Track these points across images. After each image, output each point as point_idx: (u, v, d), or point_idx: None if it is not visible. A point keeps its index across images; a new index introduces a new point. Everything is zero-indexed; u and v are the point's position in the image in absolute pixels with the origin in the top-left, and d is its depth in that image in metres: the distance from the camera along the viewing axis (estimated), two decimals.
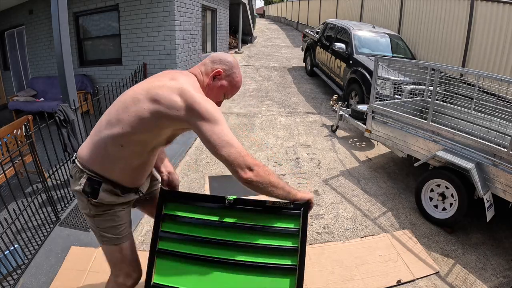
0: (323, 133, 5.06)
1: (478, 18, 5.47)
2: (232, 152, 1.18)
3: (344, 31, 6.63)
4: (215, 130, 1.18)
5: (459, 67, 5.56)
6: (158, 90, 1.21)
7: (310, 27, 13.35)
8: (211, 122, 1.18)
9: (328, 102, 6.46)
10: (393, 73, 4.16)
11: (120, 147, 1.25)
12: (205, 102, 1.20)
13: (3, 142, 2.75)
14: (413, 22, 7.33)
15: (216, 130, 1.18)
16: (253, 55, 11.75)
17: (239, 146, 1.19)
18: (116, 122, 1.24)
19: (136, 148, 1.27)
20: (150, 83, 1.26)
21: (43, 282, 2.12)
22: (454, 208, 2.78)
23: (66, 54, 3.02)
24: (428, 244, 2.69)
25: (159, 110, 1.19)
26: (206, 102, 1.20)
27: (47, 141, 2.67)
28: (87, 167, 1.31)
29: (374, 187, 3.55)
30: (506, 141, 2.51)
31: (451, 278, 2.34)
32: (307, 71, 9.03)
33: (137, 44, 5.76)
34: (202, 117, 1.18)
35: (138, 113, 1.20)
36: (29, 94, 6.32)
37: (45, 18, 6.42)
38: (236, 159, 1.18)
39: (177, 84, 1.21)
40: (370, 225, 2.90)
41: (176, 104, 1.18)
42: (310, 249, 2.55)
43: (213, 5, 7.68)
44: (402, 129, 3.34)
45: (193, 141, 4.57)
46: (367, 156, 4.34)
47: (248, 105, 6.35)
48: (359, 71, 5.45)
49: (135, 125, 1.21)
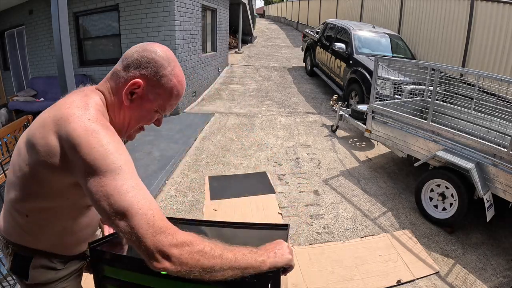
0: (323, 133, 5.06)
1: (478, 18, 5.47)
2: (134, 224, 0.70)
3: (344, 31, 6.64)
4: (107, 188, 0.72)
5: (459, 67, 5.56)
6: (33, 128, 0.82)
7: (310, 27, 13.35)
8: (101, 173, 0.72)
9: (328, 102, 6.46)
10: (393, 73, 4.16)
11: (26, 217, 0.90)
12: (93, 138, 0.73)
13: (3, 142, 2.76)
14: (413, 22, 7.33)
15: (108, 188, 0.71)
16: (253, 55, 11.75)
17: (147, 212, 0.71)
18: (10, 186, 0.90)
19: (45, 215, 0.90)
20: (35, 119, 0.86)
21: None
22: (454, 208, 2.78)
23: (66, 54, 3.02)
24: (428, 244, 2.69)
25: (34, 159, 0.80)
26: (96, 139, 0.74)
27: None
28: (8, 240, 0.95)
29: (374, 187, 3.55)
30: (506, 141, 2.51)
31: (451, 278, 2.34)
32: (307, 71, 9.04)
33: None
34: (86, 165, 0.72)
35: (21, 171, 0.84)
36: (29, 94, 6.33)
37: (45, 18, 6.42)
38: (143, 236, 0.69)
39: (58, 114, 0.78)
40: (370, 225, 2.90)
41: (50, 146, 0.77)
42: (310, 249, 2.55)
43: (213, 5, 7.69)
44: (402, 129, 3.34)
45: (193, 141, 4.57)
46: (367, 156, 4.34)
47: (248, 105, 6.35)
48: (359, 71, 5.45)
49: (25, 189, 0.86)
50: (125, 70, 0.86)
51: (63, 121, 0.76)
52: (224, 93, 7.24)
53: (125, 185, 0.72)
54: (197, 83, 6.72)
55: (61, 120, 0.76)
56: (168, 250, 0.69)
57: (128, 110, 0.89)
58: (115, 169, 0.72)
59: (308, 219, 2.95)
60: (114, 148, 0.74)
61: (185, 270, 0.71)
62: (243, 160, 4.02)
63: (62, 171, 0.78)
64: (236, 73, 9.03)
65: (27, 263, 0.95)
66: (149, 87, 0.86)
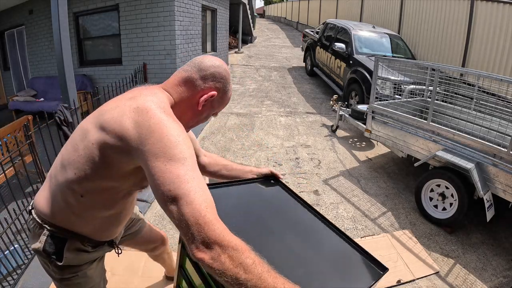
0: (323, 133, 5.06)
1: (478, 18, 5.47)
2: (186, 212, 0.73)
3: (344, 31, 6.64)
4: (170, 175, 0.77)
5: (459, 67, 5.56)
6: (107, 114, 0.88)
7: (310, 27, 13.35)
8: (167, 160, 0.78)
9: (328, 102, 6.46)
10: (393, 73, 4.16)
11: (80, 197, 0.94)
12: (167, 128, 0.81)
13: (3, 142, 2.75)
14: (413, 22, 7.33)
15: (172, 174, 0.77)
16: (253, 55, 11.75)
17: (201, 203, 0.75)
18: (68, 165, 0.94)
19: (100, 197, 0.96)
20: (102, 107, 0.95)
21: (43, 282, 2.12)
22: (454, 208, 2.78)
23: (66, 54, 3.02)
24: (428, 244, 2.69)
25: (105, 141, 0.86)
26: (170, 129, 0.81)
27: (47, 141, 2.67)
28: (47, 221, 1.00)
29: (374, 187, 3.55)
30: (506, 141, 2.51)
31: (451, 278, 2.34)
32: (307, 71, 9.04)
33: (137, 44, 5.76)
34: (156, 150, 0.79)
35: (86, 150, 0.89)
36: (29, 94, 6.32)
37: (45, 18, 6.42)
38: (191, 225, 0.73)
39: (135, 104, 0.86)
40: (370, 225, 2.90)
41: (124, 130, 0.83)
42: None
43: (213, 5, 7.68)
44: (402, 129, 3.34)
45: None
46: (367, 156, 4.34)
47: (248, 105, 6.35)
48: (359, 71, 5.45)
49: (87, 168, 0.90)
50: (202, 80, 0.98)
51: (141, 111, 0.84)
52: None
53: (187, 175, 0.77)
54: None
55: (139, 109, 0.84)
56: (212, 244, 0.72)
57: (196, 113, 1.02)
58: (181, 159, 0.79)
59: None
60: (183, 140, 0.82)
61: (219, 270, 0.72)
62: (243, 160, 4.02)
63: (130, 156, 0.84)
64: (236, 73, 9.03)
65: (62, 244, 1.01)
66: (218, 97, 1.02)
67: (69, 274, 1.06)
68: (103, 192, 0.95)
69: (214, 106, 1.04)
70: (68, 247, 1.01)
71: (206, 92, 0.99)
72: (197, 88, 0.98)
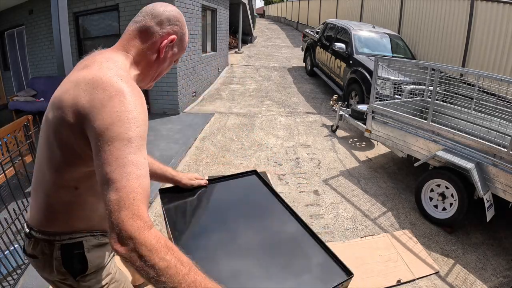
0: (323, 133, 5.06)
1: (478, 18, 5.47)
2: (112, 199, 0.69)
3: (344, 31, 6.64)
4: (109, 154, 0.71)
5: (459, 67, 5.56)
6: (60, 90, 0.83)
7: (310, 27, 13.35)
8: (111, 139, 0.72)
9: (328, 102, 6.46)
10: (393, 73, 4.16)
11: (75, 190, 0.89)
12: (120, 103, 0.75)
13: (3, 142, 2.75)
14: (413, 22, 7.33)
15: (111, 154, 0.71)
16: (253, 55, 11.75)
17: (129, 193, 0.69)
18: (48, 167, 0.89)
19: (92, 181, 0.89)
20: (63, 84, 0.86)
21: (43, 282, 2.11)
22: (454, 208, 2.78)
23: (66, 54, 3.02)
24: (428, 244, 2.69)
25: (63, 120, 0.80)
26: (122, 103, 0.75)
27: None
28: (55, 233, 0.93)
29: (374, 187, 3.55)
30: (506, 141, 2.51)
31: (451, 278, 2.34)
32: (307, 71, 9.04)
33: None
34: (102, 127, 0.73)
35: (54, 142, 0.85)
36: (29, 94, 6.32)
37: (45, 18, 6.42)
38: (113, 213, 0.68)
39: (88, 74, 0.80)
40: (370, 225, 2.90)
41: (79, 105, 0.77)
42: None
43: (213, 5, 7.68)
44: (402, 129, 3.34)
45: (193, 141, 4.57)
46: (367, 156, 4.34)
47: (248, 105, 6.35)
48: (359, 71, 5.45)
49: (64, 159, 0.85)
50: (159, 26, 0.92)
51: (95, 82, 0.77)
52: (224, 93, 7.24)
53: (126, 158, 0.71)
54: (197, 83, 6.72)
55: (93, 81, 0.78)
56: (127, 239, 0.67)
57: (159, 62, 0.97)
58: (125, 139, 0.72)
59: (308, 219, 2.95)
60: (133, 118, 0.75)
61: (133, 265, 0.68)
62: (243, 160, 4.02)
63: (83, 133, 0.78)
64: (236, 73, 9.03)
65: (80, 249, 0.94)
66: (177, 41, 0.97)
67: (102, 281, 1.01)
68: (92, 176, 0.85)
69: (174, 52, 0.98)
70: (88, 248, 0.96)
71: (165, 37, 0.93)
72: (155, 35, 0.92)
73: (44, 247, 0.93)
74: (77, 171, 0.87)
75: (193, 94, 6.52)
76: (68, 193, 0.89)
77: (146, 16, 0.93)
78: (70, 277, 0.95)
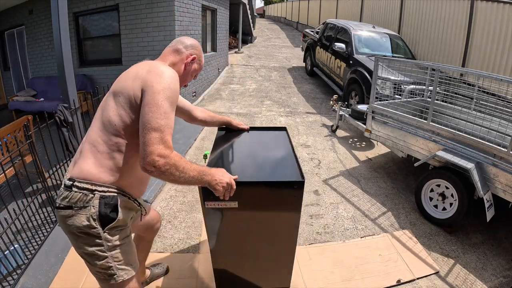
0: (323, 133, 5.06)
1: (478, 18, 5.47)
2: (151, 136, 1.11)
3: (344, 31, 6.64)
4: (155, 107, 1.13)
5: (459, 67, 5.56)
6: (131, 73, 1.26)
7: (310, 27, 13.36)
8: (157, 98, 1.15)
9: (328, 102, 6.46)
10: (393, 73, 4.16)
11: (126, 145, 1.22)
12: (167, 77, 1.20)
13: (3, 142, 2.75)
14: (413, 22, 7.33)
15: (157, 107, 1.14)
16: (253, 55, 11.75)
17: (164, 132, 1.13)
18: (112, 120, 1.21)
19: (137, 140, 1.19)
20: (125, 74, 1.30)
21: (43, 282, 2.12)
22: (454, 208, 2.78)
23: (66, 54, 3.02)
24: (428, 244, 2.69)
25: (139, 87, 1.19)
26: (168, 78, 1.20)
27: (47, 141, 2.67)
28: (97, 184, 1.19)
29: (374, 187, 3.55)
30: (506, 141, 2.51)
31: (451, 278, 2.34)
32: (307, 71, 9.04)
33: (137, 44, 5.76)
34: (154, 90, 1.16)
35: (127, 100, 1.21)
36: (29, 94, 6.32)
37: (45, 18, 6.42)
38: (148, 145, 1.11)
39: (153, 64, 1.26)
40: (370, 225, 2.90)
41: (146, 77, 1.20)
42: (310, 249, 2.55)
43: (213, 5, 7.68)
44: (402, 129, 3.34)
45: (193, 141, 4.57)
46: (367, 156, 4.34)
47: (248, 105, 6.35)
48: (359, 71, 5.45)
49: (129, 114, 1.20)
50: (185, 48, 1.45)
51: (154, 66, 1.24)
52: (224, 93, 7.24)
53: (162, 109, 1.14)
54: (197, 83, 6.72)
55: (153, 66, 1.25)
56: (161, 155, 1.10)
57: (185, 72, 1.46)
58: (163, 99, 1.16)
59: (308, 219, 2.95)
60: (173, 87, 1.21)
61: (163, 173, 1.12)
62: None
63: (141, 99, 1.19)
64: (236, 73, 9.03)
65: (115, 202, 1.22)
66: (197, 59, 1.49)
67: (121, 240, 1.25)
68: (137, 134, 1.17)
69: (195, 67, 1.49)
70: (120, 203, 1.23)
71: (189, 56, 1.45)
72: (183, 54, 1.44)
73: (84, 196, 1.17)
74: (133, 127, 1.20)
75: (193, 94, 6.52)
76: (122, 154, 1.21)
77: (177, 43, 1.46)
78: (99, 226, 1.19)
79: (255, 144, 1.95)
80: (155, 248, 2.45)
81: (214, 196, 1.36)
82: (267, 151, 1.91)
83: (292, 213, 1.57)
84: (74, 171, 1.21)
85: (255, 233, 1.64)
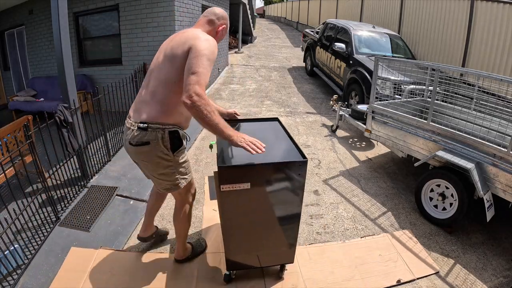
0: (323, 133, 5.06)
1: (478, 18, 5.47)
2: (193, 79, 1.51)
3: (344, 31, 6.63)
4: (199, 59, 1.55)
5: (459, 67, 5.56)
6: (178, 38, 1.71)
7: (310, 27, 13.36)
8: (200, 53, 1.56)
9: (328, 102, 6.46)
10: (393, 73, 4.16)
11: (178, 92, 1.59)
12: (207, 40, 1.64)
13: (3, 142, 2.75)
14: (413, 22, 7.33)
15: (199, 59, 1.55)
16: (253, 55, 11.75)
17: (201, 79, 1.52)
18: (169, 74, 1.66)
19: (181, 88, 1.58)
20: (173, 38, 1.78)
21: (43, 282, 2.12)
22: (454, 208, 2.78)
23: (66, 54, 3.02)
24: (428, 244, 2.69)
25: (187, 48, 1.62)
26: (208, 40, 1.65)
27: (47, 141, 2.67)
28: (165, 124, 1.69)
29: (374, 187, 3.55)
30: (506, 141, 2.51)
31: (451, 278, 2.34)
32: (307, 71, 9.04)
33: (137, 44, 5.76)
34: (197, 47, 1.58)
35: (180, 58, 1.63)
36: (29, 94, 6.32)
37: (45, 18, 6.42)
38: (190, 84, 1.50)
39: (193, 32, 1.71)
40: (370, 225, 2.90)
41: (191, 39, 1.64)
42: (310, 249, 2.55)
43: (213, 5, 7.69)
44: (402, 129, 3.34)
45: (193, 141, 4.57)
46: (367, 156, 4.34)
47: (248, 105, 6.35)
48: (359, 71, 5.45)
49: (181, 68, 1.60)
50: (218, 19, 1.85)
51: (196, 33, 1.70)
52: (224, 93, 7.24)
53: (203, 63, 1.56)
54: None
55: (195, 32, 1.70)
56: (198, 94, 1.48)
57: (216, 38, 1.85)
58: (204, 55, 1.58)
59: (308, 219, 2.95)
60: (213, 48, 1.65)
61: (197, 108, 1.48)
62: None
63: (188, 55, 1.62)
64: (236, 73, 9.03)
65: (178, 134, 1.78)
66: (225, 28, 1.91)
67: (182, 159, 1.85)
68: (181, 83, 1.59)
69: (223, 33, 1.91)
70: (181, 135, 1.81)
71: (220, 25, 1.87)
72: (215, 24, 1.86)
73: (158, 132, 1.69)
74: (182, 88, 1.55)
75: None
76: (176, 99, 1.63)
77: (211, 13, 1.85)
78: (170, 152, 1.76)
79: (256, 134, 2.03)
80: (155, 248, 2.46)
81: (228, 180, 1.65)
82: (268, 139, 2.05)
83: (297, 190, 1.82)
84: (143, 116, 1.69)
85: (265, 210, 1.85)
